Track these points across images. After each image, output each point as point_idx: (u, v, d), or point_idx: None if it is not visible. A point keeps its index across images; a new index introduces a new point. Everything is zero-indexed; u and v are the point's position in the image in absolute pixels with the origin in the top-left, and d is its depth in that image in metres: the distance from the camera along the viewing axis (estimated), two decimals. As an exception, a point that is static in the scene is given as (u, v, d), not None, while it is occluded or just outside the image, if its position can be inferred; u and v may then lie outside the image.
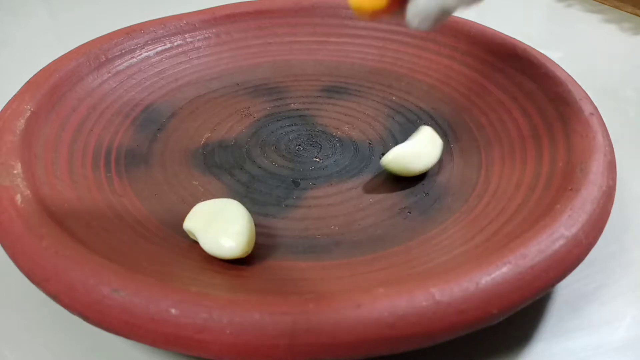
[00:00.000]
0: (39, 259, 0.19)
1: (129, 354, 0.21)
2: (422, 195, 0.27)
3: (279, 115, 0.33)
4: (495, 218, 0.24)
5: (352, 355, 0.17)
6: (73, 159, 0.27)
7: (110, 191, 0.26)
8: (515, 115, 0.30)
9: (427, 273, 0.20)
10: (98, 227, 0.23)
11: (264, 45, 0.38)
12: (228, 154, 0.30)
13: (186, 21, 0.36)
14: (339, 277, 0.22)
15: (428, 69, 0.36)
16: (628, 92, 0.39)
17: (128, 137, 0.30)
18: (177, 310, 0.17)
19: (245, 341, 0.17)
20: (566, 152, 0.25)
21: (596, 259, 0.25)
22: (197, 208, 0.23)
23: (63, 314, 0.22)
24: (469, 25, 0.35)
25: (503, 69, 0.32)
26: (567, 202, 0.21)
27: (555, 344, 0.22)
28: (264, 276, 0.22)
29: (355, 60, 0.37)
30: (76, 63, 0.31)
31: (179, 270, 0.21)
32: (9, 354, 0.21)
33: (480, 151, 0.29)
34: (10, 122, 0.25)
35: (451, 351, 0.21)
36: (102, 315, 0.18)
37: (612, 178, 0.23)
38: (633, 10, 0.51)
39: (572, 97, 0.27)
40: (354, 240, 0.24)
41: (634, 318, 0.23)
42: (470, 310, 0.17)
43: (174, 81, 0.35)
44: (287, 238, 0.24)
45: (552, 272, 0.19)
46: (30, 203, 0.21)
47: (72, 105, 0.29)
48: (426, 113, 0.33)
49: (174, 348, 0.17)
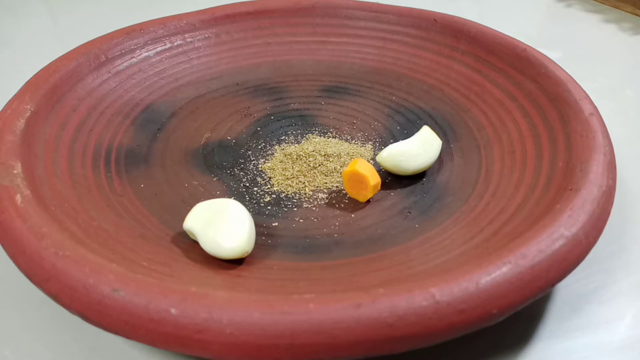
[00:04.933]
0: (39, 259, 0.19)
1: (129, 354, 0.21)
2: (422, 195, 0.27)
3: (279, 115, 0.33)
4: (495, 218, 0.24)
5: (352, 355, 0.17)
6: (73, 158, 0.27)
7: (110, 191, 0.26)
8: (515, 115, 0.30)
9: (427, 273, 0.20)
10: (98, 227, 0.23)
11: (264, 45, 0.38)
12: (228, 154, 0.30)
13: (186, 21, 0.36)
14: (339, 277, 0.22)
15: (428, 69, 0.36)
16: (628, 92, 0.39)
17: (128, 137, 0.30)
18: (177, 310, 0.17)
19: (245, 341, 0.17)
20: (566, 152, 0.25)
21: (596, 259, 0.25)
22: (197, 208, 0.23)
23: (63, 314, 0.22)
24: (469, 25, 0.35)
25: (503, 69, 0.32)
26: (567, 202, 0.21)
27: (555, 344, 0.22)
28: (264, 276, 0.22)
29: (355, 60, 0.38)
30: (76, 63, 0.31)
31: (179, 270, 0.21)
32: (9, 354, 0.21)
33: (480, 151, 0.29)
34: (10, 122, 0.25)
35: (451, 351, 0.21)
36: (102, 315, 0.18)
37: (612, 178, 0.23)
38: (633, 10, 0.51)
39: (572, 97, 0.27)
40: (354, 240, 0.24)
41: (634, 318, 0.23)
42: (470, 310, 0.17)
43: (174, 81, 0.35)
44: (287, 238, 0.24)
45: (552, 272, 0.19)
46: (30, 203, 0.21)
47: (72, 105, 0.29)
48: (426, 113, 0.33)
49: (174, 348, 0.17)
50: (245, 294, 0.18)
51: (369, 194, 0.26)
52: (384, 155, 0.27)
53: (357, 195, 0.26)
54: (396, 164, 0.27)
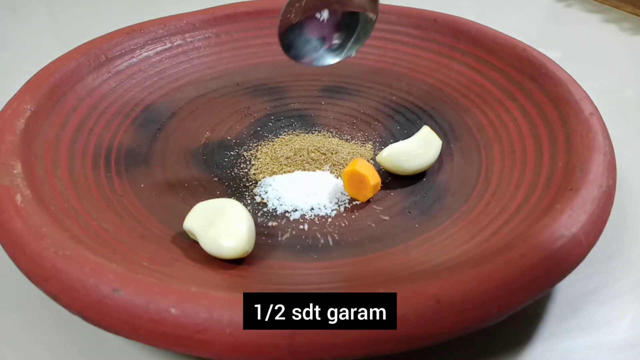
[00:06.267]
0: (39, 259, 0.19)
1: (129, 354, 0.21)
2: (422, 195, 0.27)
3: (279, 115, 0.33)
4: (495, 218, 0.24)
5: (352, 355, 0.17)
6: (73, 158, 0.27)
7: (110, 191, 0.26)
8: (515, 115, 0.30)
9: (427, 273, 0.20)
10: (98, 227, 0.23)
11: (264, 45, 0.38)
12: (228, 154, 0.30)
13: (186, 21, 0.36)
14: (339, 277, 0.22)
15: (428, 69, 0.36)
16: (628, 92, 0.39)
17: (128, 137, 0.30)
18: (177, 310, 0.17)
19: (245, 341, 0.17)
20: (566, 152, 0.25)
21: (596, 259, 0.25)
22: (197, 208, 0.23)
23: (63, 314, 0.22)
24: (469, 25, 0.35)
25: (503, 68, 0.32)
26: (567, 202, 0.21)
27: (555, 344, 0.22)
28: (264, 276, 0.22)
29: (355, 60, 0.37)
30: (76, 63, 0.31)
31: (179, 270, 0.21)
32: (9, 354, 0.21)
33: (480, 151, 0.29)
34: (10, 122, 0.25)
35: (451, 351, 0.21)
36: (102, 315, 0.18)
37: (612, 178, 0.23)
38: (633, 10, 0.51)
39: (572, 97, 0.27)
40: (354, 240, 0.24)
41: (634, 318, 0.23)
42: (470, 310, 0.17)
43: (174, 81, 0.35)
44: (287, 238, 0.24)
45: (552, 272, 0.19)
46: (30, 203, 0.21)
47: (72, 105, 0.29)
48: (426, 113, 0.33)
49: (174, 348, 0.17)
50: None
51: (369, 194, 0.26)
52: (384, 155, 0.27)
53: (357, 195, 0.26)
54: (396, 164, 0.27)
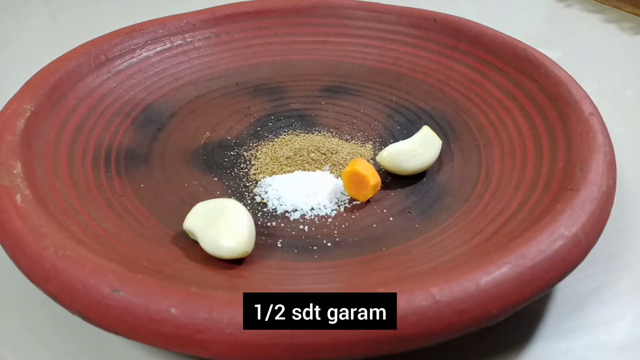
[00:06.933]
0: (39, 259, 0.19)
1: (129, 354, 0.21)
2: (422, 195, 0.27)
3: (279, 115, 0.33)
4: (495, 218, 0.24)
5: (352, 355, 0.17)
6: (73, 159, 0.27)
7: (110, 191, 0.26)
8: (515, 115, 0.30)
9: (427, 273, 0.20)
10: (98, 227, 0.23)
11: (264, 45, 0.38)
12: (228, 154, 0.30)
13: (186, 21, 0.36)
14: (339, 277, 0.22)
15: (428, 69, 0.36)
16: (628, 92, 0.39)
17: (128, 137, 0.30)
18: (177, 310, 0.17)
19: (245, 341, 0.17)
20: (566, 152, 0.25)
21: (596, 259, 0.25)
22: (197, 208, 0.23)
23: (63, 314, 0.22)
24: (469, 25, 0.35)
25: (503, 68, 0.32)
26: (567, 202, 0.21)
27: (555, 344, 0.22)
28: (264, 276, 0.22)
29: (355, 60, 0.38)
30: (76, 63, 0.31)
31: (179, 270, 0.21)
32: (9, 354, 0.21)
33: (480, 151, 0.29)
34: (10, 122, 0.25)
35: (451, 351, 0.21)
36: (102, 315, 0.18)
37: (612, 178, 0.23)
38: (633, 10, 0.51)
39: (572, 97, 0.27)
40: (354, 240, 0.24)
41: (634, 318, 0.23)
42: (470, 310, 0.17)
43: (174, 81, 0.35)
44: (287, 238, 0.24)
45: (552, 272, 0.19)
46: (30, 203, 0.21)
47: (72, 105, 0.29)
48: (426, 113, 0.33)
49: (174, 348, 0.17)
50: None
51: (369, 194, 0.26)
52: (384, 155, 0.27)
53: (357, 195, 0.26)
54: (396, 164, 0.27)
